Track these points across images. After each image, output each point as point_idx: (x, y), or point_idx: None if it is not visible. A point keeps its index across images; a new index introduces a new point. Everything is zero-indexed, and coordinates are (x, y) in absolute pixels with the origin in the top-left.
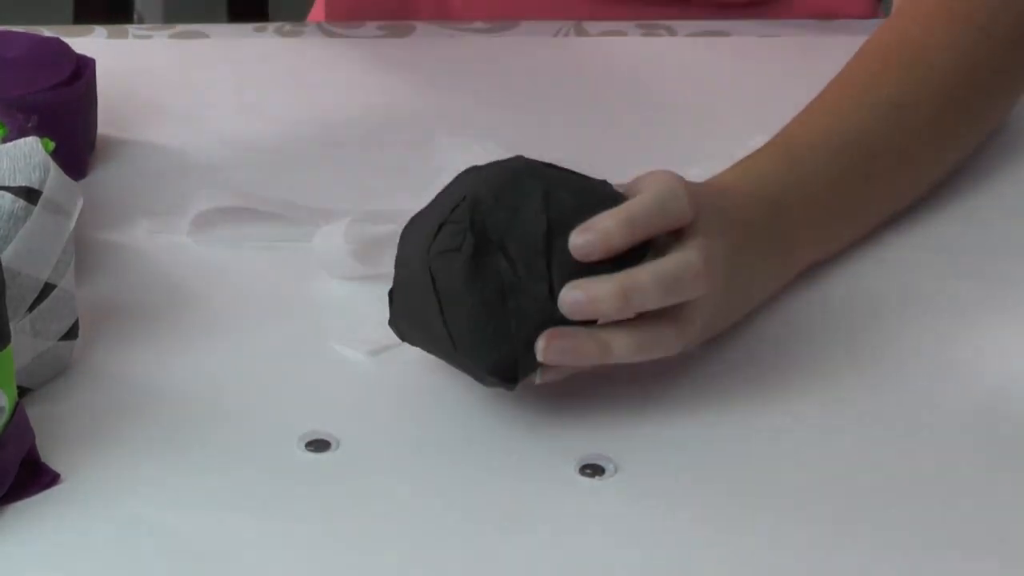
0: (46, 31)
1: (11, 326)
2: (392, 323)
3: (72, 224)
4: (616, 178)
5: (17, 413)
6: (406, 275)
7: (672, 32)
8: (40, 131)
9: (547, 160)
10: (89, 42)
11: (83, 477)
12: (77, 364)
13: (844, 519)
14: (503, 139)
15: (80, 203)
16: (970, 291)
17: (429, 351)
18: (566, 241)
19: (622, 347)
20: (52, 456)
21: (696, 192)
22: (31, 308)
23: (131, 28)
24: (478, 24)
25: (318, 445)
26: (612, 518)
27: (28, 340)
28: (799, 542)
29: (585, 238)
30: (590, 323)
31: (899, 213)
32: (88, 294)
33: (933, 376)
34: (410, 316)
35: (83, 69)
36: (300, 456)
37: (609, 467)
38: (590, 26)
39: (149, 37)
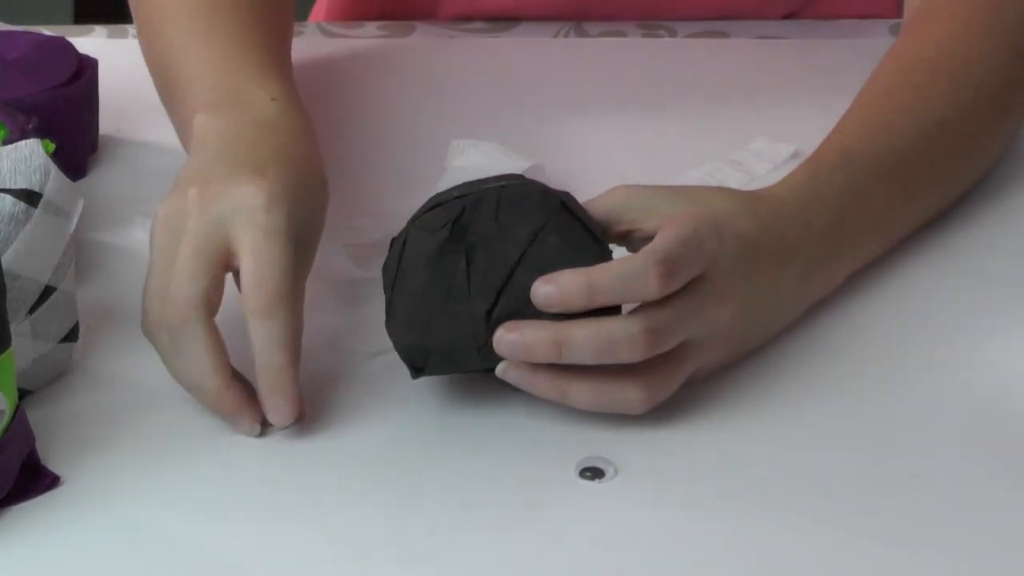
0: (46, 31)
1: (11, 328)
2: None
3: (72, 226)
4: (614, 180)
5: (17, 415)
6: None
7: (672, 32)
8: (41, 131)
9: (545, 162)
10: (89, 42)
11: (83, 479)
12: (77, 366)
13: (845, 520)
14: (502, 140)
15: (80, 205)
16: (970, 291)
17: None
18: (529, 278)
19: (580, 397)
20: (52, 458)
21: (716, 244)
22: (31, 311)
23: (131, 28)
24: (478, 24)
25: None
26: (612, 521)
27: (28, 342)
28: (800, 543)
29: (546, 289)
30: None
31: None
32: (88, 296)
33: (933, 376)
34: (387, 260)
35: (85, 69)
36: (301, 459)
37: (609, 470)
38: (590, 26)
39: None
